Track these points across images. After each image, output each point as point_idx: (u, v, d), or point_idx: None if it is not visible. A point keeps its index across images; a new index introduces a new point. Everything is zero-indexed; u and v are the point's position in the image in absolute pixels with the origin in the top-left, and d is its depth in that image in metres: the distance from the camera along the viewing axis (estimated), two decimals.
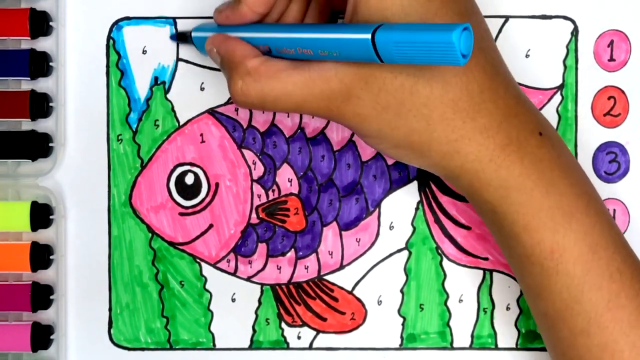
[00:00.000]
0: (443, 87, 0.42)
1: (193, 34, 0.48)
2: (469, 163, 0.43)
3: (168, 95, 0.51)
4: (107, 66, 0.51)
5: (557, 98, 0.50)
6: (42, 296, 0.50)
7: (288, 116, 0.51)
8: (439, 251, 0.51)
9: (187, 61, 0.50)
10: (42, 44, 0.50)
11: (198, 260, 0.51)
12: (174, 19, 0.50)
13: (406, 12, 0.41)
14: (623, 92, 0.50)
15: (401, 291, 0.51)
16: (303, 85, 0.43)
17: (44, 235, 0.51)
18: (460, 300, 0.51)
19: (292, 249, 0.51)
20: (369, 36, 0.39)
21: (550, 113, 0.50)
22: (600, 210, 0.44)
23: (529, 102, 0.45)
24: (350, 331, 0.51)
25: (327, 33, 0.41)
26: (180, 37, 0.50)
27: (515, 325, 0.51)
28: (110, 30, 0.51)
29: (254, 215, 0.51)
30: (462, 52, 0.37)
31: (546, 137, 0.44)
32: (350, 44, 0.40)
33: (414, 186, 0.51)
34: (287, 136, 0.51)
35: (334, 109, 0.43)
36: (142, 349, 0.51)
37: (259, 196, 0.51)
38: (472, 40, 0.37)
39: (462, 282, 0.51)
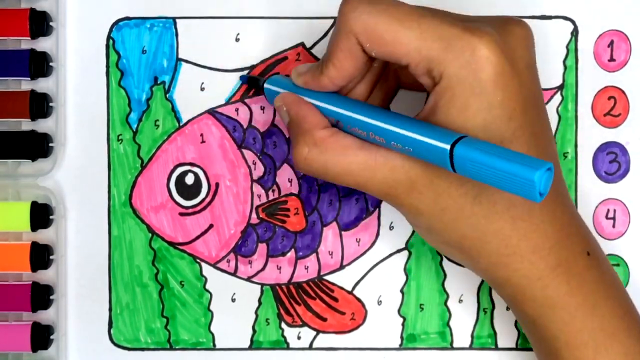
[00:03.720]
0: (506, 204, 0.42)
1: (265, 85, 0.48)
2: (516, 278, 0.43)
3: (168, 95, 0.51)
4: (107, 66, 0.51)
5: (557, 98, 0.50)
6: (42, 296, 0.50)
7: None
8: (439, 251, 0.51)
9: (187, 61, 0.51)
10: (42, 44, 0.50)
11: (198, 261, 0.51)
12: (174, 19, 0.50)
13: (486, 127, 0.41)
14: (623, 92, 0.50)
15: (401, 291, 0.51)
16: (367, 168, 0.43)
17: (44, 235, 0.51)
18: (460, 301, 0.51)
19: (292, 249, 0.51)
20: (447, 147, 0.39)
21: (550, 113, 0.50)
22: None
23: (580, 220, 0.45)
24: (350, 331, 0.51)
25: (406, 130, 0.41)
26: (251, 82, 0.50)
27: (515, 326, 0.51)
28: (110, 30, 0.51)
29: (254, 215, 0.51)
30: (540, 190, 0.36)
31: (593, 257, 0.44)
32: (427, 147, 0.40)
33: None
34: (287, 136, 0.51)
35: (393, 196, 0.43)
36: (142, 349, 0.51)
37: (259, 196, 0.51)
38: (551, 179, 0.37)
39: (462, 282, 0.51)
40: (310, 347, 0.51)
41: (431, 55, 0.41)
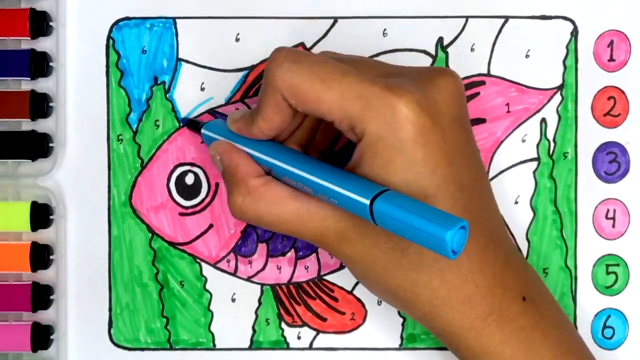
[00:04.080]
0: (433, 257, 0.42)
1: (202, 131, 0.48)
2: (450, 327, 0.44)
3: (168, 95, 0.51)
4: (107, 66, 0.51)
5: (557, 98, 0.50)
6: (42, 296, 0.50)
7: None
8: None
9: (187, 61, 0.50)
10: (42, 44, 0.50)
11: (198, 260, 0.51)
12: (174, 18, 0.50)
13: (409, 183, 0.41)
14: (623, 92, 0.50)
15: None
16: (299, 217, 0.44)
17: (44, 235, 0.51)
18: None
19: (292, 249, 0.51)
20: (367, 202, 0.40)
21: (550, 113, 0.50)
22: None
23: (517, 262, 0.45)
24: (350, 331, 0.51)
25: (329, 182, 0.41)
26: (191, 125, 0.50)
27: None
28: (110, 30, 0.51)
29: None
30: (453, 249, 0.37)
31: (529, 301, 0.44)
32: (350, 201, 0.40)
33: None
34: None
35: (325, 244, 0.44)
36: (142, 349, 0.51)
37: None
38: (465, 238, 0.38)
39: None
40: (310, 347, 0.51)
41: (352, 114, 0.41)
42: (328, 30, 0.50)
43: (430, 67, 0.45)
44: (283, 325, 0.51)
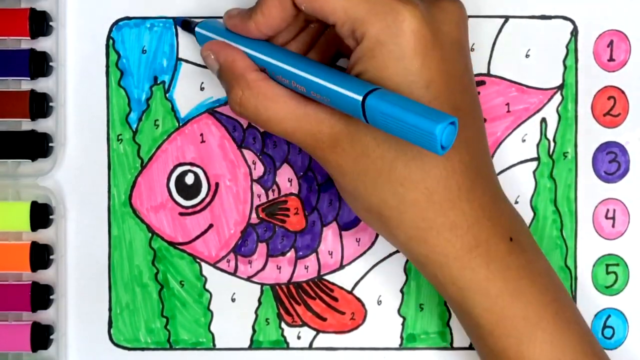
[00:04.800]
0: (421, 174, 0.42)
1: (197, 29, 0.48)
2: (434, 254, 0.43)
3: (168, 95, 0.51)
4: (107, 66, 0.51)
5: (557, 98, 0.50)
6: (42, 296, 0.50)
7: None
8: None
9: (187, 61, 0.51)
10: (42, 44, 0.50)
11: (198, 260, 0.51)
12: (174, 19, 0.50)
13: (400, 90, 0.41)
14: (623, 92, 0.50)
15: (401, 291, 0.51)
16: (295, 117, 0.43)
17: (43, 235, 0.51)
18: None
19: (292, 249, 0.51)
20: (360, 98, 0.40)
21: (550, 113, 0.50)
22: (570, 318, 0.44)
23: (506, 204, 0.45)
24: (350, 331, 0.51)
25: (324, 79, 0.42)
26: (184, 25, 0.50)
27: None
28: (110, 30, 0.51)
29: (254, 215, 0.51)
30: (442, 143, 0.37)
31: (516, 243, 0.44)
32: (342, 98, 0.41)
33: None
34: None
35: (319, 150, 0.44)
36: (142, 349, 0.51)
37: (259, 196, 0.51)
38: (455, 134, 0.38)
39: None
40: (310, 347, 0.51)
41: (355, 16, 0.41)
42: None
43: None
44: (283, 325, 0.51)
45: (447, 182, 0.42)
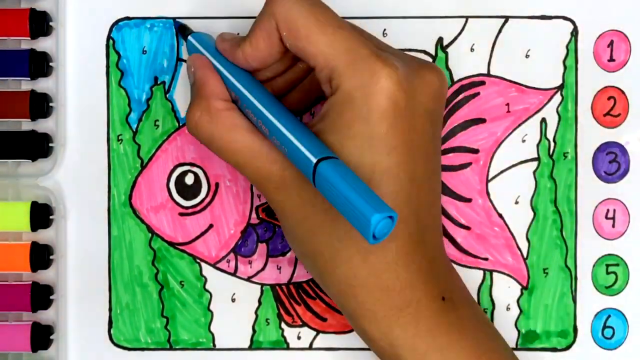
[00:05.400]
0: (361, 236, 0.41)
1: (189, 38, 0.48)
2: (364, 310, 0.43)
3: (168, 95, 0.51)
4: (107, 66, 0.51)
5: (557, 98, 0.50)
6: (42, 296, 0.50)
7: None
8: None
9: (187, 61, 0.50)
10: (42, 44, 0.50)
11: (198, 261, 0.51)
12: (174, 19, 0.50)
13: (362, 154, 0.41)
14: (623, 92, 0.50)
15: None
16: (249, 152, 0.44)
17: (43, 235, 0.51)
18: None
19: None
20: (314, 161, 0.40)
21: (550, 113, 0.50)
22: None
23: (443, 263, 0.45)
24: (350, 331, 0.51)
25: (288, 130, 0.42)
26: (180, 30, 0.50)
27: (515, 325, 0.51)
28: (110, 30, 0.51)
29: (254, 215, 0.51)
30: (375, 233, 0.37)
31: (449, 301, 0.43)
32: (298, 154, 0.41)
33: None
34: None
35: (264, 188, 0.44)
36: (142, 349, 0.51)
37: (259, 196, 0.51)
38: (390, 229, 0.37)
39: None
40: (310, 347, 0.51)
41: (334, 65, 0.42)
42: None
43: (421, 60, 0.45)
44: (283, 325, 0.51)
45: (386, 245, 0.42)
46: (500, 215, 0.50)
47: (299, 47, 0.42)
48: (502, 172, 0.51)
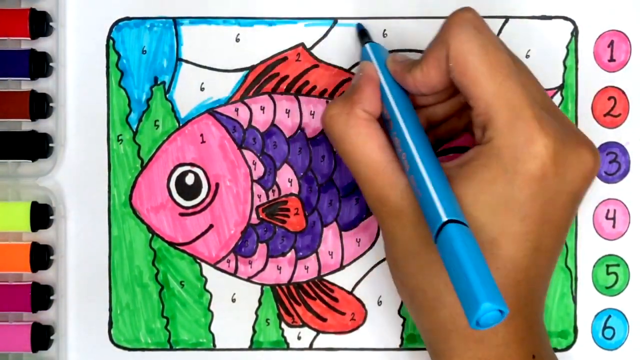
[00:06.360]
0: None
1: (365, 47, 0.47)
2: (452, 355, 0.42)
3: (168, 96, 0.51)
4: (107, 66, 0.51)
5: (557, 98, 0.50)
6: (42, 296, 0.50)
7: (288, 116, 0.51)
8: None
9: (187, 61, 0.51)
10: (42, 44, 0.50)
11: (198, 261, 0.51)
12: (174, 19, 0.50)
13: (495, 213, 0.40)
14: (623, 92, 0.50)
15: None
16: (373, 168, 0.42)
17: (44, 236, 0.51)
18: None
19: (292, 249, 0.51)
20: (444, 219, 0.38)
21: None
22: None
23: (540, 326, 0.44)
24: (350, 331, 0.51)
25: (429, 176, 0.40)
26: (361, 34, 0.49)
27: None
28: (110, 30, 0.51)
29: (254, 215, 0.51)
30: (479, 320, 0.36)
31: (539, 358, 0.43)
32: (431, 205, 0.39)
33: None
34: (287, 136, 0.51)
35: (379, 210, 0.43)
36: (142, 350, 0.51)
37: (259, 196, 0.51)
38: (496, 323, 0.36)
39: None
40: (310, 348, 0.51)
41: (493, 118, 0.40)
42: (328, 31, 0.50)
43: (580, 132, 0.43)
44: (283, 325, 0.51)
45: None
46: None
47: (463, 84, 0.41)
48: None
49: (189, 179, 0.51)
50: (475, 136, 0.42)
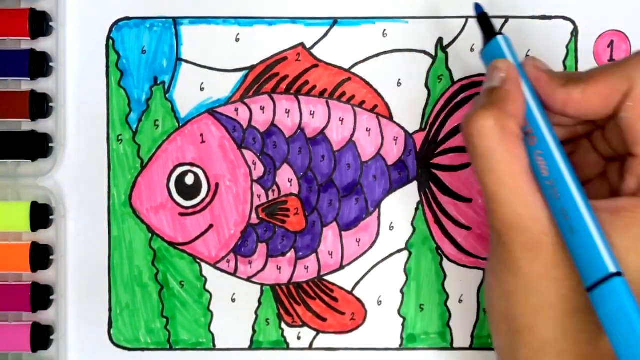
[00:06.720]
0: (571, 337, 0.39)
1: (498, 39, 0.42)
2: None
3: (168, 95, 0.51)
4: (107, 66, 0.51)
5: None
6: (42, 296, 0.50)
7: (288, 116, 0.51)
8: (439, 251, 0.51)
9: (187, 61, 0.51)
10: (42, 44, 0.50)
11: (198, 261, 0.51)
12: (174, 19, 0.50)
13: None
14: None
15: (401, 291, 0.51)
16: (515, 194, 0.38)
17: (43, 236, 0.51)
18: (460, 301, 0.51)
19: (292, 249, 0.51)
20: (611, 271, 0.36)
21: None
22: None
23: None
24: (350, 331, 0.51)
25: (592, 219, 0.37)
26: (482, 22, 0.44)
27: None
28: (110, 30, 0.51)
29: (254, 215, 0.51)
30: None
31: None
32: (590, 253, 0.37)
33: (414, 186, 0.51)
34: (287, 136, 0.51)
35: (508, 237, 0.39)
36: (142, 349, 0.51)
37: (259, 196, 0.51)
38: None
39: (462, 282, 0.51)
40: (310, 348, 0.51)
41: None
42: (328, 31, 0.50)
43: None
44: (283, 325, 0.51)
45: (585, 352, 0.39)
46: None
47: (635, 129, 0.38)
48: None
49: (189, 179, 0.51)
50: (624, 182, 0.40)
